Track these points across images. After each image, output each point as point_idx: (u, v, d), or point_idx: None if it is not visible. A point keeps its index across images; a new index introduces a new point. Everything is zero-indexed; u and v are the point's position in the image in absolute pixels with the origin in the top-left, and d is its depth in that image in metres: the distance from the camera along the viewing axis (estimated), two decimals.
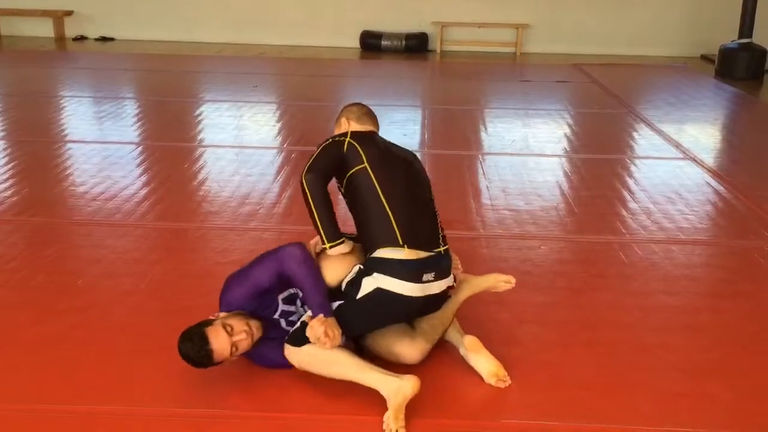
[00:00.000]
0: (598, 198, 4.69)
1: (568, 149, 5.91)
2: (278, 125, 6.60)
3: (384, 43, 11.09)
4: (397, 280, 2.54)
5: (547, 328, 3.04)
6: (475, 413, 2.48)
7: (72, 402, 2.49)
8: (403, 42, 11.05)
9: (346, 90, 8.54)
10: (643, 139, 6.27)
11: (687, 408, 2.54)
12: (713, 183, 5.03)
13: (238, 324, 2.49)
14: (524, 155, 5.69)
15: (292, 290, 2.67)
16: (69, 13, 11.47)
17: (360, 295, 2.56)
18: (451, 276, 2.72)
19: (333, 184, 2.78)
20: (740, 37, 9.32)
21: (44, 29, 11.45)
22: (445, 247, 2.70)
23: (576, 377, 2.69)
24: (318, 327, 2.44)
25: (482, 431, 2.42)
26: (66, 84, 8.38)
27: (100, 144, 5.73)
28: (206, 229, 4.08)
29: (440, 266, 2.65)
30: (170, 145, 5.77)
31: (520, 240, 3.88)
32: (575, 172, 5.27)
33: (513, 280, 2.90)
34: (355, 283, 2.58)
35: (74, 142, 5.84)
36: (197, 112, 6.98)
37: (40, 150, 5.56)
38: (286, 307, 2.67)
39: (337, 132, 2.93)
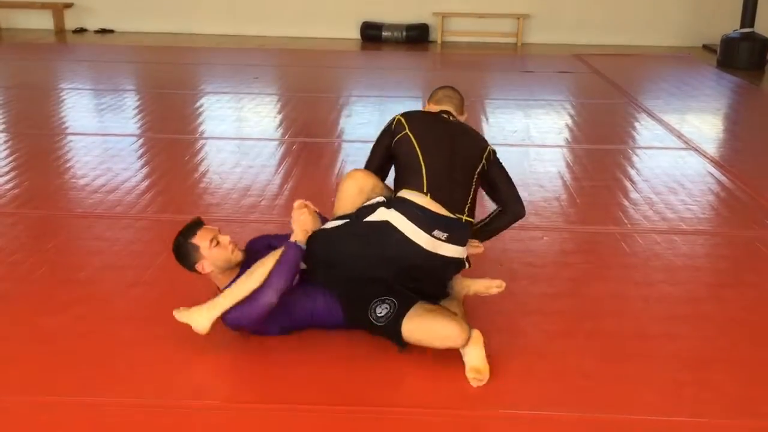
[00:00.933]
0: (600, 188, 4.68)
1: (569, 140, 5.90)
2: (279, 116, 6.58)
3: (384, 34, 11.06)
4: (409, 221, 2.56)
5: (550, 318, 3.04)
6: (476, 403, 2.48)
7: (75, 393, 2.49)
8: (404, 33, 11.02)
9: (347, 81, 8.53)
10: (645, 129, 6.26)
11: (690, 397, 2.54)
12: (715, 173, 5.02)
13: (226, 236, 2.77)
14: (526, 146, 5.68)
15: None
16: (69, 5, 11.44)
17: (368, 219, 2.59)
18: (464, 249, 2.70)
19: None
20: (742, 26, 9.28)
21: (44, 21, 11.42)
22: (468, 218, 2.70)
23: (579, 367, 2.68)
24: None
25: (484, 421, 2.42)
26: (66, 76, 8.36)
27: (100, 136, 5.72)
28: (208, 221, 4.03)
29: (455, 231, 2.64)
30: (171, 137, 5.76)
31: (522, 231, 3.87)
32: (577, 163, 5.26)
33: (503, 284, 2.89)
34: (370, 208, 2.63)
35: (75, 134, 5.82)
36: (198, 104, 6.97)
37: (41, 142, 5.55)
38: None
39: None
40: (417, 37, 11.04)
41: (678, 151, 5.57)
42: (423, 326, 2.57)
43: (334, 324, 2.75)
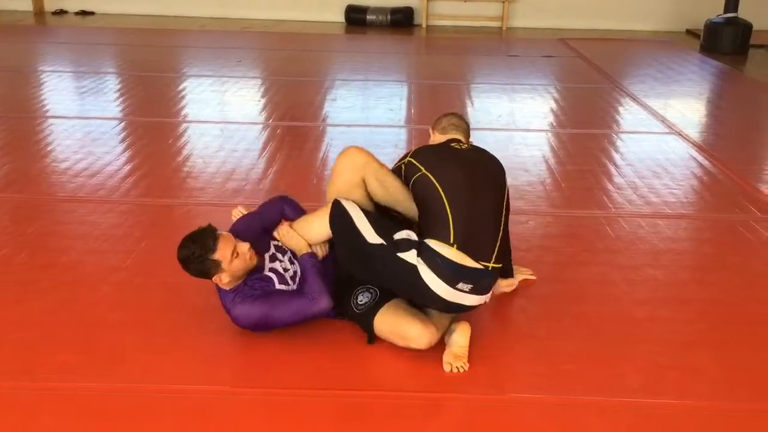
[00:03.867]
0: (585, 172, 4.69)
1: (554, 124, 5.90)
2: (263, 100, 6.53)
3: (369, 17, 10.99)
4: (433, 273, 2.54)
5: (535, 301, 3.05)
6: (462, 387, 2.49)
7: (59, 379, 2.47)
8: (389, 16, 10.96)
9: (332, 65, 8.47)
10: (629, 114, 6.28)
11: (674, 380, 2.56)
12: (699, 157, 5.05)
13: (244, 243, 2.64)
14: (510, 130, 5.67)
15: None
16: None
17: (400, 255, 2.56)
18: (489, 295, 2.70)
19: None
20: (726, 11, 9.31)
21: (22, 3, 11.24)
22: (496, 265, 2.65)
23: (564, 350, 2.70)
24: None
25: (471, 404, 2.43)
26: (46, 59, 8.24)
27: (82, 119, 5.65)
28: (191, 205, 4.04)
29: (480, 281, 2.60)
30: (154, 120, 5.71)
31: None
32: (561, 147, 5.26)
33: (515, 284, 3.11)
34: (405, 243, 2.58)
35: (56, 117, 5.75)
36: (181, 87, 6.90)
37: (21, 126, 5.48)
38: (276, 253, 2.78)
39: (429, 141, 3.12)
40: (402, 20, 10.99)
41: (662, 135, 5.59)
42: (391, 322, 2.61)
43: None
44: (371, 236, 2.61)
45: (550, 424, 2.33)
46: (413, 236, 2.61)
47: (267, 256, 2.74)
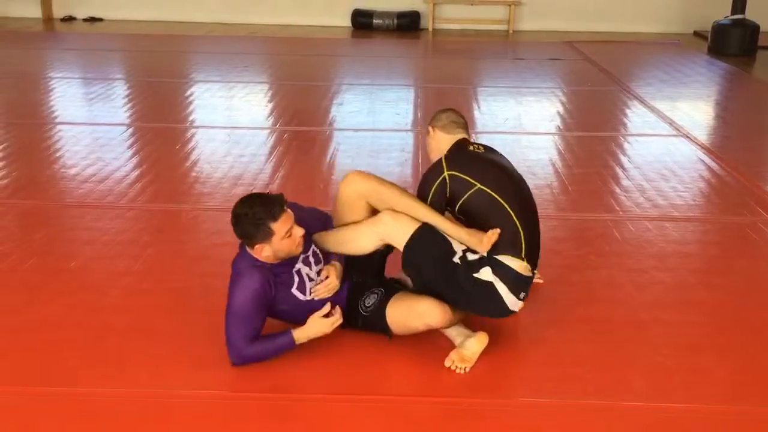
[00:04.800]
0: (592, 176, 4.69)
1: (561, 127, 5.89)
2: (270, 105, 6.55)
3: (376, 21, 11.01)
4: (506, 288, 2.59)
5: (542, 305, 3.04)
6: (468, 391, 2.48)
7: (67, 384, 2.48)
8: (395, 20, 10.97)
9: (338, 69, 8.49)
10: (636, 117, 6.26)
11: (680, 383, 2.55)
12: (706, 160, 5.04)
13: (301, 228, 2.55)
14: (517, 133, 5.67)
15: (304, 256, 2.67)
16: None
17: (477, 276, 2.57)
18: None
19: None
20: (733, 13, 9.28)
21: (32, 10, 11.31)
22: (536, 272, 2.75)
23: (570, 354, 2.69)
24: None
25: (476, 409, 2.42)
26: (55, 65, 8.29)
27: (90, 126, 5.68)
28: (199, 210, 4.06)
29: (529, 289, 2.70)
30: (161, 126, 5.73)
31: None
32: (569, 150, 5.26)
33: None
34: (476, 264, 2.58)
35: (64, 123, 5.78)
36: (188, 92, 6.93)
37: (30, 132, 5.51)
38: (311, 258, 2.69)
39: (428, 139, 2.95)
40: (408, 24, 11.00)
41: (669, 138, 5.58)
42: (403, 305, 2.60)
43: None
44: (456, 256, 2.61)
45: (557, 428, 2.32)
46: (483, 257, 2.60)
47: (302, 256, 2.65)
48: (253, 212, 2.45)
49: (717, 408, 2.43)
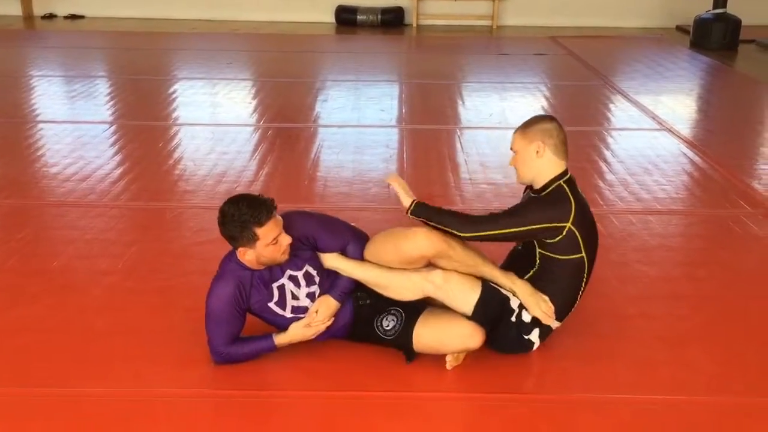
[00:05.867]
0: (576, 170, 4.60)
1: None
2: (254, 102, 6.52)
3: (359, 17, 10.98)
4: (540, 341, 2.60)
5: None
6: (457, 387, 2.48)
7: (51, 385, 2.46)
8: (379, 16, 10.96)
9: (322, 65, 8.46)
10: (620, 111, 6.29)
11: (666, 375, 2.56)
12: (689, 153, 5.06)
13: (288, 237, 2.46)
14: (502, 129, 5.67)
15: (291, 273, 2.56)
16: None
17: (527, 337, 2.56)
18: None
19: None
20: (715, 7, 9.34)
21: (11, 7, 11.19)
22: None
23: (557, 347, 2.69)
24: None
25: (465, 404, 2.42)
26: (36, 63, 8.21)
27: (72, 124, 5.63)
28: (183, 208, 4.03)
29: None
30: (144, 123, 5.69)
31: None
32: None
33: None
34: (527, 326, 2.55)
35: (45, 122, 5.73)
36: (171, 90, 6.88)
37: (11, 131, 5.46)
38: (302, 279, 2.56)
39: (526, 155, 2.57)
40: (392, 20, 10.98)
41: (652, 132, 5.61)
42: (437, 329, 2.49)
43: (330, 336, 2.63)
44: (513, 315, 2.55)
45: (544, 422, 2.33)
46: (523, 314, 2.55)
47: (288, 272, 2.53)
48: (239, 214, 2.37)
49: (703, 399, 2.45)
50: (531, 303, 2.52)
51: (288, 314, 2.55)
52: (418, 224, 2.56)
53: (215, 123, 5.77)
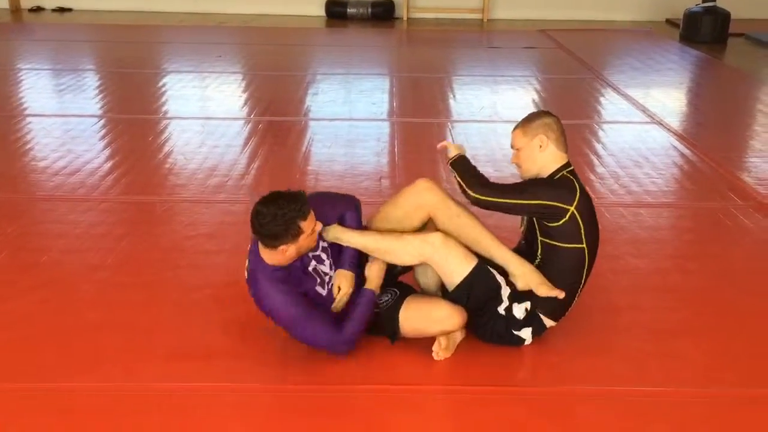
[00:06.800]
0: None
1: None
2: (244, 95, 6.49)
3: (350, 11, 10.95)
4: (532, 338, 2.61)
5: None
6: (450, 379, 2.49)
7: (40, 379, 2.44)
8: (369, 10, 10.92)
9: (313, 59, 8.44)
10: (610, 104, 6.30)
11: (658, 367, 2.57)
12: (679, 146, 5.08)
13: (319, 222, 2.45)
14: (493, 122, 5.67)
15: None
16: None
17: (516, 333, 2.57)
18: None
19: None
20: (704, 1, 9.36)
21: None
22: None
23: (548, 340, 2.70)
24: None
25: (459, 396, 2.42)
26: (23, 56, 8.14)
27: (60, 117, 5.59)
28: (173, 202, 4.01)
29: None
30: (133, 117, 5.65)
31: None
32: None
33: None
34: (517, 323, 2.56)
35: (34, 115, 5.68)
36: (160, 83, 6.84)
37: None
38: (322, 254, 2.56)
39: (529, 149, 2.60)
40: (382, 13, 10.95)
41: (642, 125, 5.62)
42: (418, 310, 2.53)
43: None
44: (501, 305, 2.56)
45: (537, 415, 2.33)
46: (525, 305, 2.55)
47: (310, 253, 2.52)
48: (284, 211, 2.30)
49: (694, 391, 2.46)
50: (535, 278, 2.52)
51: (325, 292, 2.54)
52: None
53: (205, 116, 5.74)
